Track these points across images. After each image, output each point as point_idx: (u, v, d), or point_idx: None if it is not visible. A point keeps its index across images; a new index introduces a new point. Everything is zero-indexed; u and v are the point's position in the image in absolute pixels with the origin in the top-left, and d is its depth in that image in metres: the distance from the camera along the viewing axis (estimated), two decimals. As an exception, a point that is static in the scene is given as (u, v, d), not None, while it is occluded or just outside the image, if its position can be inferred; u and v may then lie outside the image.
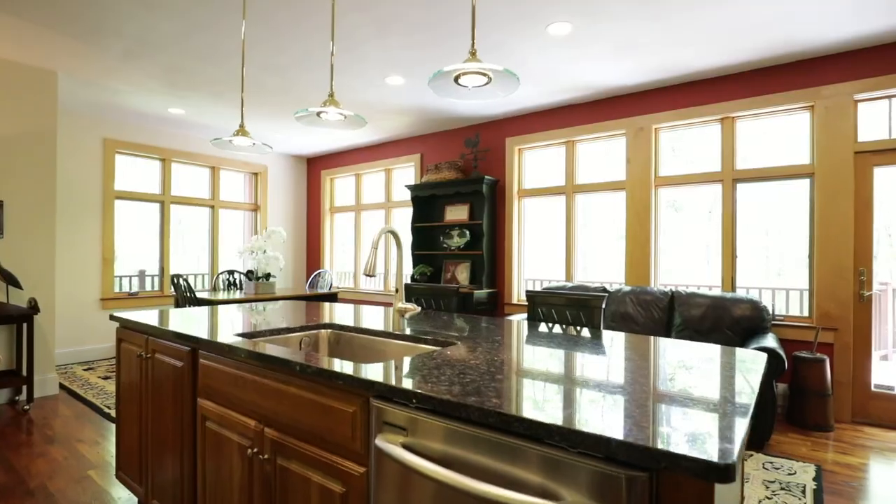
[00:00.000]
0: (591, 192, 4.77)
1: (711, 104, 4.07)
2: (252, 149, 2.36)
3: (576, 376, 1.17)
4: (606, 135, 4.65)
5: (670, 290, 3.98)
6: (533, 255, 5.28)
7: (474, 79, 1.77)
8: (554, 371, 1.21)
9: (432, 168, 5.50)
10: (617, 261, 4.74)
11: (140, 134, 5.64)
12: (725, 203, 4.04)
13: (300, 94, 4.53)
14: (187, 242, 6.38)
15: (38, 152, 3.89)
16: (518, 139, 5.17)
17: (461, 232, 5.44)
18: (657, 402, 0.96)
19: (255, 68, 3.91)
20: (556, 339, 1.67)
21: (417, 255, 5.72)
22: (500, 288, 5.25)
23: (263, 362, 1.39)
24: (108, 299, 5.34)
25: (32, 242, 3.85)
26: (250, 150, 2.39)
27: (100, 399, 3.84)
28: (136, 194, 5.63)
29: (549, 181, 5.09)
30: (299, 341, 1.89)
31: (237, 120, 5.41)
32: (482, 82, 1.72)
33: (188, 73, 4.05)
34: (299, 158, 7.43)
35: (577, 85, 4.27)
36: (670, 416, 0.88)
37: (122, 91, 4.48)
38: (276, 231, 5.37)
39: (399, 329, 1.81)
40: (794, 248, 3.90)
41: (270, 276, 5.29)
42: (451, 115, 5.17)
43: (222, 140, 2.25)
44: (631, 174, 4.47)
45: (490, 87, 1.70)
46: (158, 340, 1.88)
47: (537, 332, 1.81)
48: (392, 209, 6.45)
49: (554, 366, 1.27)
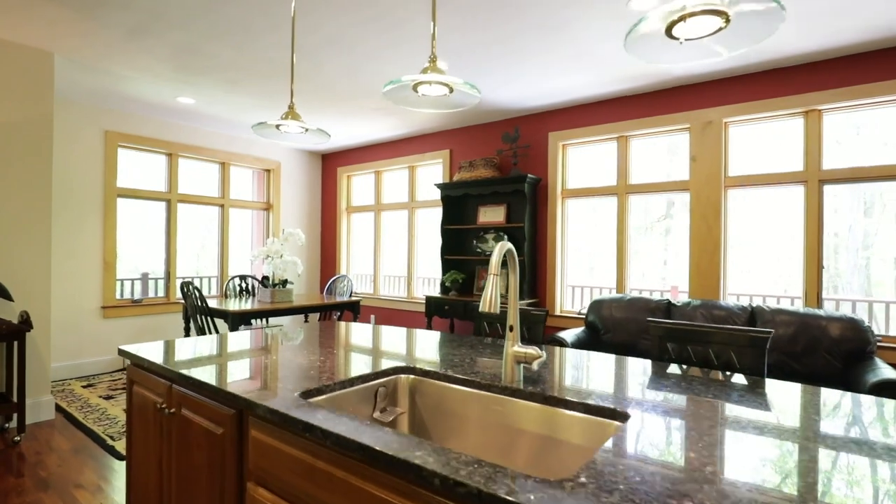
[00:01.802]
0: (647, 193, 4.30)
1: (794, 95, 3.60)
2: (304, 136, 1.90)
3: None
4: (666, 129, 4.18)
5: (749, 306, 3.51)
6: (574, 261, 4.82)
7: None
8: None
9: (466, 165, 5.02)
10: (673, 269, 4.28)
11: (145, 126, 5.15)
12: (810, 207, 3.58)
13: (326, 82, 4.05)
14: (193, 244, 5.90)
15: (32, 145, 3.40)
16: (562, 134, 4.70)
17: (497, 235, 4.97)
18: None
19: (277, 50, 3.43)
20: (783, 412, 1.20)
21: (447, 260, 5.25)
22: (542, 298, 4.78)
23: (367, 458, 0.92)
24: (110, 307, 4.85)
25: (25, 246, 3.37)
26: (301, 138, 1.93)
27: (101, 426, 3.37)
28: (140, 192, 5.14)
29: (592, 180, 4.62)
30: (374, 391, 1.42)
31: (250, 112, 4.92)
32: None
33: (202, 56, 3.56)
34: (313, 154, 6.94)
35: (637, 73, 3.79)
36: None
37: (127, 77, 3.99)
38: (293, 233, 4.90)
39: (514, 381, 1.34)
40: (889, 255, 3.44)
41: (287, 282, 4.82)
42: (488, 107, 4.69)
43: (266, 125, 1.78)
44: (696, 173, 4.00)
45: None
46: (187, 392, 1.40)
47: (731, 392, 1.35)
48: (416, 209, 5.97)
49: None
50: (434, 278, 5.97)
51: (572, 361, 1.64)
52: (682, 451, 0.90)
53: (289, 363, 1.54)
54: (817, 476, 0.80)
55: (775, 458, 0.87)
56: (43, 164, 3.45)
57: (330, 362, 1.56)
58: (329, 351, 1.74)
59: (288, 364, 1.53)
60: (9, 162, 3.30)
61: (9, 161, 3.30)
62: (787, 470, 0.82)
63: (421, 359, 1.63)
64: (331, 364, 1.53)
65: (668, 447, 0.92)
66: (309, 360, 1.59)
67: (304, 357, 1.63)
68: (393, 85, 1.48)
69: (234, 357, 1.62)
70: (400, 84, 1.47)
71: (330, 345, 1.86)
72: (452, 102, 1.67)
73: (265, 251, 4.74)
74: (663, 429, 1.01)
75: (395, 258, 6.33)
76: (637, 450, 0.90)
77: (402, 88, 1.53)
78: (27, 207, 3.38)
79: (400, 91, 1.57)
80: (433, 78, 1.48)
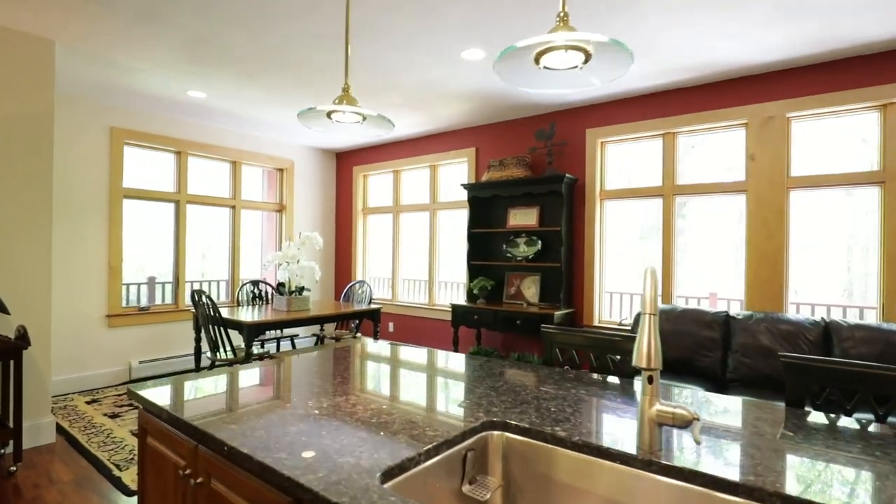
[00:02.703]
0: (697, 195, 3.96)
1: (869, 87, 3.25)
2: (360, 127, 1.57)
3: None
4: (718, 126, 3.84)
5: (822, 319, 3.17)
6: (612, 267, 4.48)
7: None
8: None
9: (496, 164, 4.69)
10: (722, 275, 3.94)
11: (152, 122, 4.84)
12: (889, 210, 3.23)
13: (349, 72, 3.72)
14: (199, 246, 5.59)
15: (31, 142, 3.09)
16: (601, 131, 4.36)
17: (529, 239, 4.63)
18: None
19: (295, 38, 3.10)
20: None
21: (474, 265, 4.92)
22: (578, 307, 4.45)
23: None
24: (115, 315, 4.54)
25: (23, 252, 3.06)
26: (355, 129, 1.60)
27: (107, 451, 3.05)
28: (147, 192, 4.83)
29: (628, 181, 4.28)
30: (462, 457, 1.10)
31: (264, 107, 4.60)
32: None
33: (215, 46, 3.24)
34: (327, 152, 6.61)
35: (688, 64, 3.45)
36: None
37: (134, 69, 3.68)
38: (310, 236, 4.58)
39: (653, 451, 1.01)
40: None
41: (304, 289, 4.51)
42: (520, 102, 4.35)
43: (315, 112, 1.44)
44: (754, 173, 3.65)
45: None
46: (218, 459, 1.08)
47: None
48: (437, 211, 5.64)
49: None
50: (455, 283, 5.64)
51: (719, 410, 1.30)
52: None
53: (349, 419, 1.22)
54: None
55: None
56: (43, 163, 3.14)
57: (399, 417, 1.23)
58: (386, 400, 1.41)
59: (347, 421, 1.20)
60: (6, 161, 2.99)
61: (6, 160, 2.99)
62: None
63: (508, 404, 1.30)
64: (400, 419, 1.21)
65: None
66: (368, 410, 1.27)
67: (363, 407, 1.30)
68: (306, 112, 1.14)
69: (272, 408, 1.30)
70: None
71: (380, 381, 1.54)
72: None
73: (282, 256, 4.42)
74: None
75: (413, 262, 6.01)
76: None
77: (317, 115, 1.23)
78: (26, 210, 3.07)
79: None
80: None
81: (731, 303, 4.00)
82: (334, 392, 1.41)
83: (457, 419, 1.19)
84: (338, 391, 1.42)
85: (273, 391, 1.42)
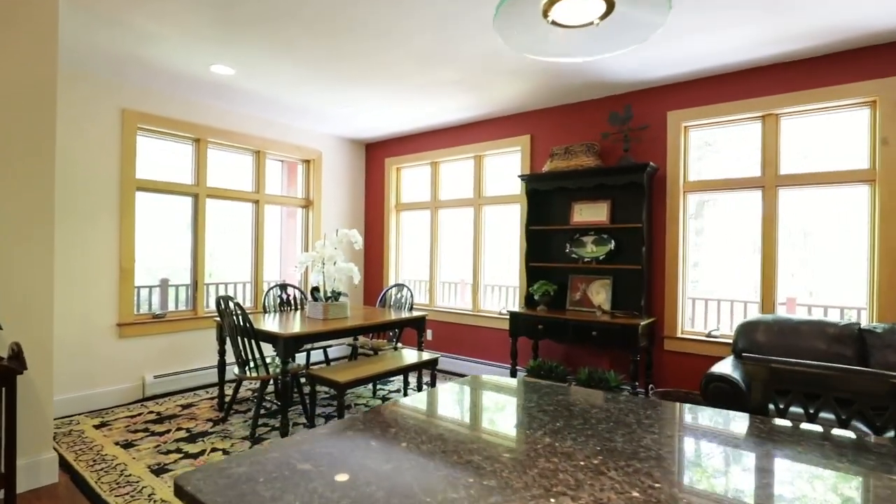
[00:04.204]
0: (807, 186, 3.38)
1: None
2: (597, 29, 1.00)
3: None
4: (832, 105, 3.25)
5: None
6: (695, 270, 3.90)
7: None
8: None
9: (559, 152, 4.11)
10: (810, 279, 3.36)
11: (169, 104, 4.28)
12: None
13: (398, 41, 3.15)
14: (210, 243, 5.05)
15: (29, 124, 2.53)
16: (684, 113, 3.78)
17: (599, 238, 4.06)
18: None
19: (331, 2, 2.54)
20: None
21: (533, 268, 4.34)
22: (659, 315, 3.87)
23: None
24: (127, 324, 3.99)
25: (21, 255, 2.50)
26: (585, 37, 1.03)
27: (121, 496, 2.49)
28: (163, 185, 4.27)
29: (717, 171, 3.70)
30: None
31: (294, 89, 4.04)
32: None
33: (252, 5, 2.68)
34: (356, 143, 6.05)
35: (817, 28, 2.87)
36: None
37: (151, 35, 3.12)
38: (348, 234, 4.04)
39: None
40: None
41: (341, 294, 3.95)
42: (587, 79, 3.77)
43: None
44: (887, 161, 3.07)
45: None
46: None
47: None
48: (483, 206, 5.07)
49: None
50: (501, 286, 5.07)
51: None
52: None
53: None
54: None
55: None
56: (44, 150, 2.58)
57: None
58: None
59: None
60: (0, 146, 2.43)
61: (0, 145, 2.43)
62: None
63: None
64: None
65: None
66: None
67: None
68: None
69: None
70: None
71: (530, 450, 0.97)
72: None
73: (317, 256, 3.86)
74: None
75: (452, 263, 5.44)
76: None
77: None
78: (24, 206, 2.51)
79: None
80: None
81: (824, 310, 3.45)
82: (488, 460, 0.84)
83: None
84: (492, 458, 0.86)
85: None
